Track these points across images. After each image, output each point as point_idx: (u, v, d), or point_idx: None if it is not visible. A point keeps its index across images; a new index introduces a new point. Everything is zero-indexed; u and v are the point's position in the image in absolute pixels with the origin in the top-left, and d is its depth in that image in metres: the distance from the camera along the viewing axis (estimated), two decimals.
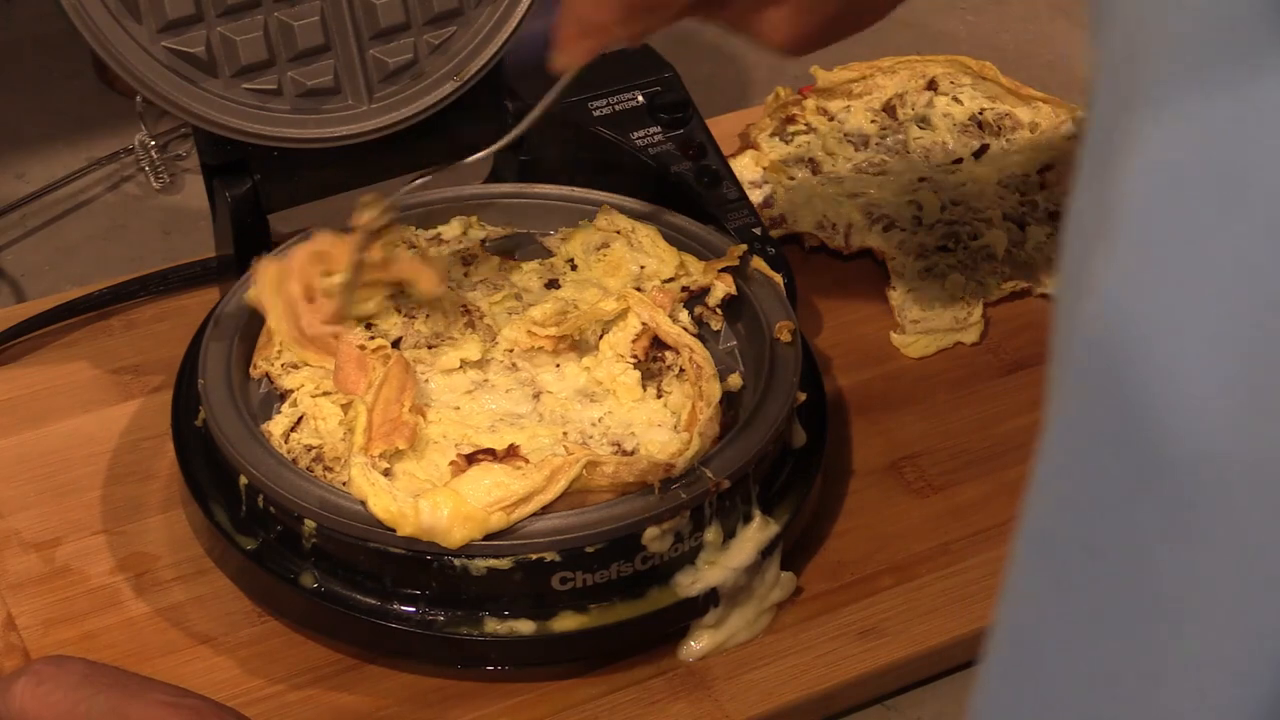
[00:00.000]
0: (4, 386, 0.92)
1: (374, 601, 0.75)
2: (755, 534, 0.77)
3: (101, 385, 0.92)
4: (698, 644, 0.77)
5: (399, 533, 0.72)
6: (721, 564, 0.77)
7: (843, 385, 0.93)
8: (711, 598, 0.77)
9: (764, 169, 1.04)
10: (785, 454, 0.82)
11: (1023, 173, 1.03)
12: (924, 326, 0.96)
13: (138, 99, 1.06)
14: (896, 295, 0.97)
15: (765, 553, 0.78)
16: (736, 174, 1.01)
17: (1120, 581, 0.38)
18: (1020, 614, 0.42)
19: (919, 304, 0.97)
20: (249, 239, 0.91)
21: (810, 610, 0.80)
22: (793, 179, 1.04)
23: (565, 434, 0.78)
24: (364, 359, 0.79)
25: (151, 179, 1.12)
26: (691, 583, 0.76)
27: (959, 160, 1.05)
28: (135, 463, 0.87)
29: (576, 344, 0.82)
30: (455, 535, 0.71)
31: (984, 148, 1.06)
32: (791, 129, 1.07)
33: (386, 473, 0.74)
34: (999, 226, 1.00)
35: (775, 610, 0.79)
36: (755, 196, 1.02)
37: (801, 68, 1.13)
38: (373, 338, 0.81)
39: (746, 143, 1.07)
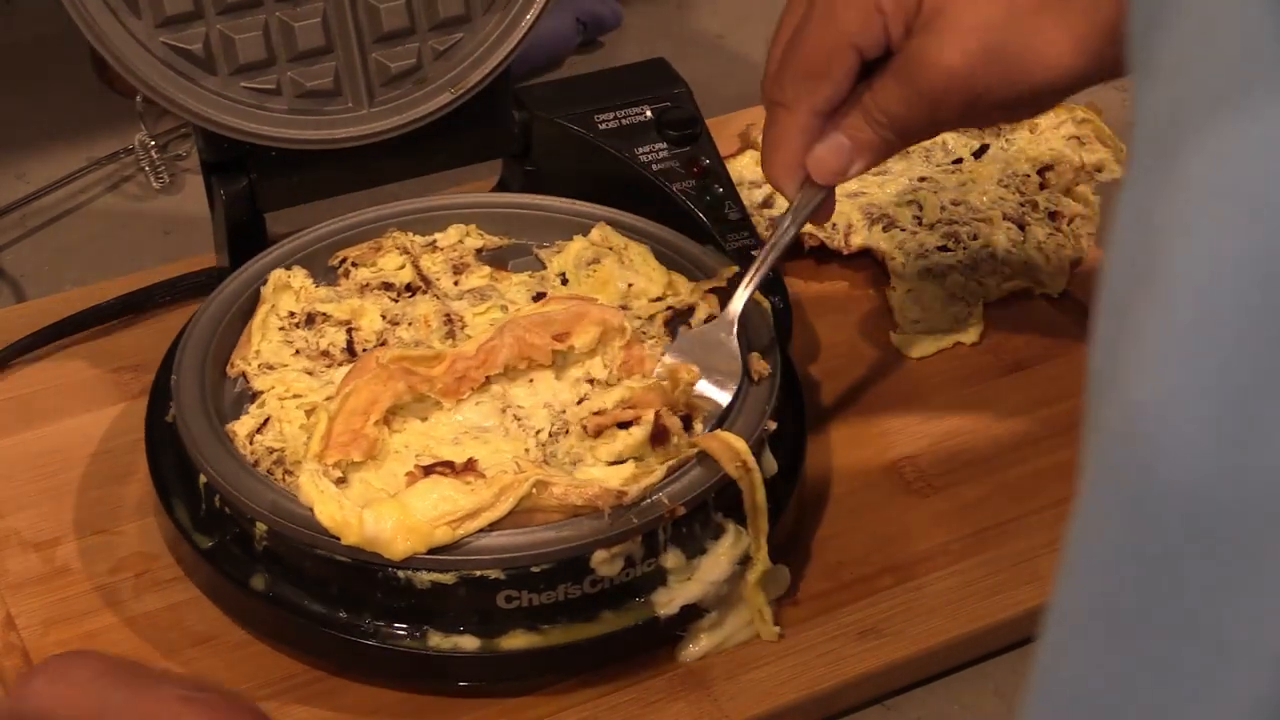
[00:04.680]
0: (4, 386, 0.92)
1: (321, 609, 0.75)
2: (728, 550, 0.77)
3: (101, 385, 0.92)
4: (696, 645, 0.77)
5: (343, 541, 0.71)
6: (698, 579, 0.76)
7: (843, 385, 0.93)
8: (687, 615, 0.76)
9: None
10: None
11: (1023, 173, 1.03)
12: (924, 326, 0.96)
13: (138, 99, 1.06)
14: (896, 295, 0.97)
15: (741, 563, 0.77)
16: (736, 174, 1.00)
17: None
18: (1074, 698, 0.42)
19: (919, 304, 0.97)
20: (244, 237, 0.91)
21: (810, 610, 0.80)
22: None
23: (528, 450, 0.77)
24: (380, 370, 0.78)
25: (151, 179, 1.12)
26: (668, 600, 0.76)
27: (959, 160, 1.05)
28: (135, 463, 0.87)
29: (554, 357, 0.81)
30: (398, 547, 0.71)
31: (984, 148, 1.06)
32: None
33: (343, 480, 0.74)
34: (999, 226, 1.00)
35: (774, 608, 0.79)
36: (755, 196, 1.02)
37: None
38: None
39: (746, 143, 1.07)
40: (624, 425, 0.77)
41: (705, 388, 0.80)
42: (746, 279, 0.81)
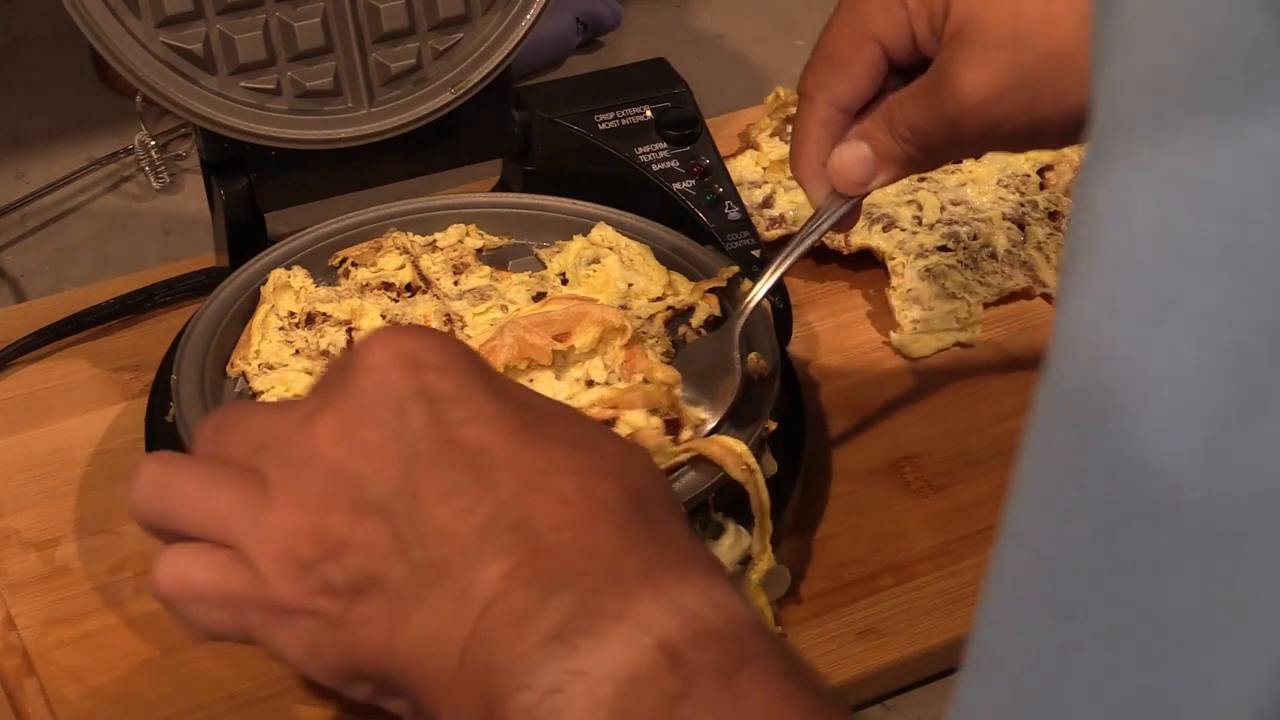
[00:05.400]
0: (4, 386, 0.92)
1: None
2: (729, 550, 0.77)
3: (101, 385, 0.92)
4: None
5: None
6: None
7: (842, 385, 0.93)
8: None
9: (764, 169, 1.04)
10: None
11: (1023, 173, 1.03)
12: (924, 326, 0.96)
13: (138, 99, 1.06)
14: (896, 295, 0.97)
15: (741, 563, 0.77)
16: (736, 174, 1.00)
17: (1119, 614, 0.37)
18: (1011, 650, 0.41)
19: (919, 304, 0.97)
20: (244, 237, 0.91)
21: (810, 610, 0.80)
22: (793, 179, 1.03)
23: None
24: None
25: (151, 179, 1.12)
26: None
27: (959, 160, 1.05)
28: (135, 462, 0.87)
29: (554, 357, 0.80)
30: None
31: None
32: (791, 129, 1.07)
33: None
34: (999, 226, 1.00)
35: (774, 608, 0.79)
36: (755, 196, 1.02)
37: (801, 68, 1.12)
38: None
39: (746, 143, 1.07)
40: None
41: (695, 404, 0.79)
42: (759, 284, 0.81)
